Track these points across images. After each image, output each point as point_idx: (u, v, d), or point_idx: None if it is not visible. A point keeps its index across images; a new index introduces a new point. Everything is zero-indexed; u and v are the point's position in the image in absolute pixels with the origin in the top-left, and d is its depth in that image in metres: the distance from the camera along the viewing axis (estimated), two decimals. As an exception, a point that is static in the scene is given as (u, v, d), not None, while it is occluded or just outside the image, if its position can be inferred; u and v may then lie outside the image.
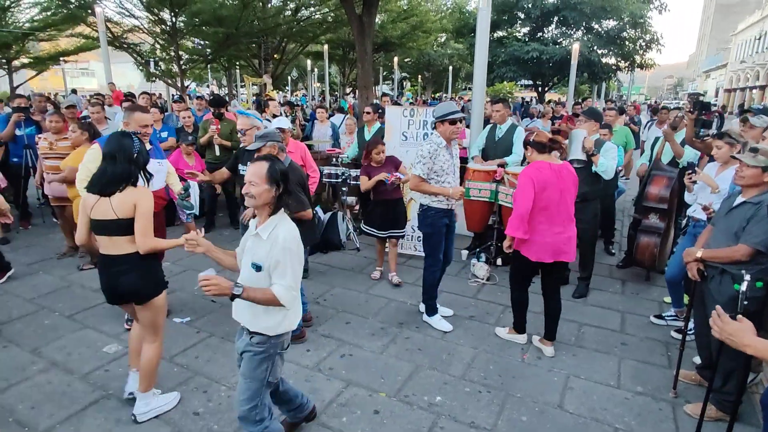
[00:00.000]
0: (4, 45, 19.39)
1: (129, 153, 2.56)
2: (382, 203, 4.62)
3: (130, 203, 2.51)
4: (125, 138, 2.62)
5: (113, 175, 2.52)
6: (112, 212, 2.49)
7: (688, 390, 3.11)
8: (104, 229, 2.53)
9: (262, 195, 2.06)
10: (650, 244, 4.54)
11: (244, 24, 17.32)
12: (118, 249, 2.56)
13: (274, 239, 2.05)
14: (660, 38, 18.68)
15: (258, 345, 2.14)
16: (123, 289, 2.60)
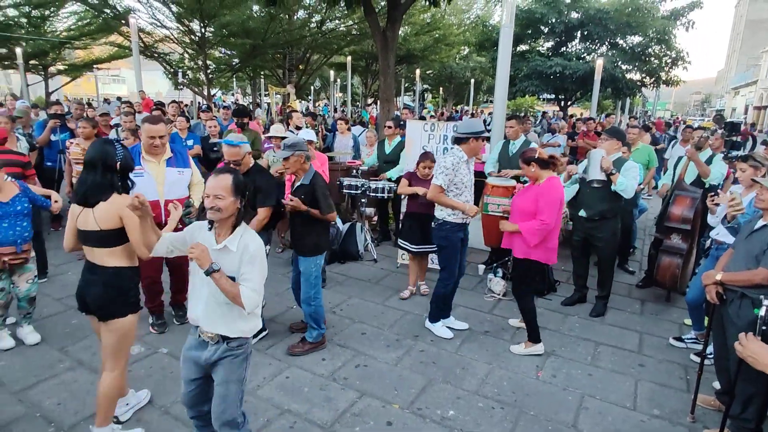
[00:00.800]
0: (42, 52, 20.22)
1: (110, 161, 2.48)
2: (415, 217, 4.55)
3: (113, 214, 2.45)
4: (107, 145, 2.53)
5: (93, 183, 2.46)
6: (95, 223, 2.44)
7: (707, 415, 3.05)
8: (87, 239, 2.50)
9: (228, 208, 2.08)
10: (672, 264, 4.48)
11: (270, 35, 17.75)
12: (97, 260, 2.51)
13: (244, 249, 2.11)
14: (686, 56, 18.39)
15: (238, 347, 2.20)
16: (89, 298, 2.52)
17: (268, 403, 3.02)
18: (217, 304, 2.13)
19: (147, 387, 3.14)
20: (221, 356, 2.18)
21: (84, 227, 2.48)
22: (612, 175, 4.07)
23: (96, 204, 2.45)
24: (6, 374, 3.23)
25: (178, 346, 3.53)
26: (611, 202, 4.22)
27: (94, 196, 2.45)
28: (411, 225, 4.60)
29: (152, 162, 3.64)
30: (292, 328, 4.00)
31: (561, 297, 4.81)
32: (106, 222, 2.45)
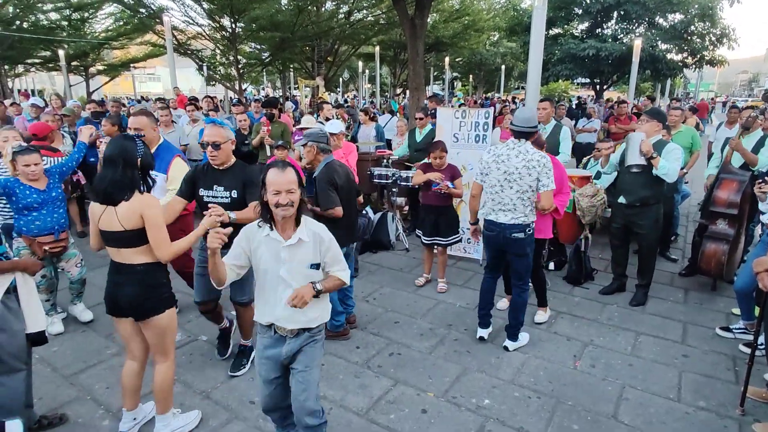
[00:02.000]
0: (83, 53, 21.06)
1: (130, 157, 2.35)
2: (429, 209, 4.53)
3: (136, 213, 2.32)
4: (126, 141, 2.41)
5: (113, 181, 2.31)
6: (118, 223, 2.32)
7: (758, 408, 2.91)
8: (110, 240, 2.38)
9: (297, 200, 2.04)
10: (717, 251, 4.28)
11: (299, 28, 17.86)
12: (124, 259, 2.41)
13: (315, 236, 2.15)
14: (732, 32, 17.39)
15: (318, 332, 2.26)
16: (122, 301, 2.42)
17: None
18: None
19: (189, 373, 3.25)
20: (303, 344, 2.20)
21: (107, 228, 2.34)
22: (653, 159, 3.89)
23: (119, 203, 2.32)
24: (58, 359, 3.40)
25: (216, 335, 3.66)
26: (653, 188, 4.05)
27: (115, 194, 2.32)
28: (424, 217, 4.58)
29: None
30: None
31: (599, 286, 4.68)
32: (129, 222, 2.32)
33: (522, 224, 3.30)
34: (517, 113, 3.38)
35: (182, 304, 4.27)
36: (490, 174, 3.35)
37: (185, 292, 4.00)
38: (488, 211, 3.41)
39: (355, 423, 2.79)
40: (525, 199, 3.27)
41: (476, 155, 5.17)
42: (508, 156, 3.27)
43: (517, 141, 3.30)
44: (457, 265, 5.30)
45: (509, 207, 3.29)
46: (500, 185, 3.30)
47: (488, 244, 3.54)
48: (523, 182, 3.23)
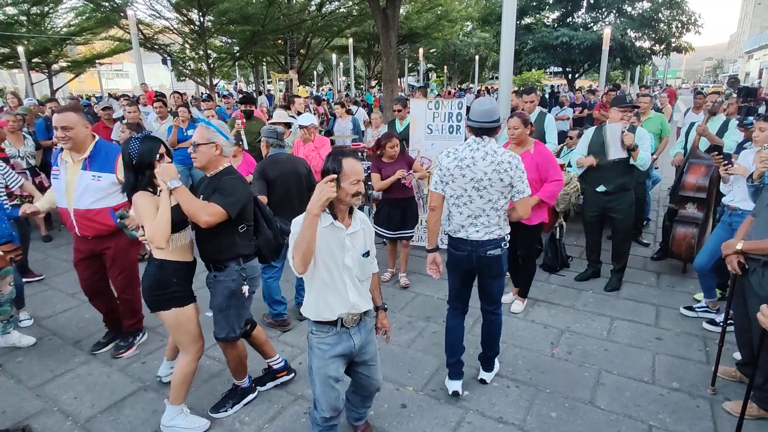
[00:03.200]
0: (44, 50, 20.21)
1: (126, 159, 2.51)
2: (393, 203, 4.42)
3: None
4: (126, 144, 2.54)
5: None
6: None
7: (728, 387, 2.99)
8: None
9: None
10: (687, 235, 4.38)
11: (270, 21, 17.53)
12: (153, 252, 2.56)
13: (366, 225, 2.21)
14: (698, 19, 17.82)
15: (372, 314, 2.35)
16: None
17: (282, 390, 3.02)
18: (361, 284, 2.19)
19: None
20: (368, 332, 2.28)
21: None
22: (633, 151, 3.95)
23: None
24: (23, 370, 3.26)
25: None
26: (629, 174, 4.15)
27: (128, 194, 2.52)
28: (390, 211, 4.45)
29: (68, 162, 3.07)
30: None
31: (574, 272, 4.73)
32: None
33: (498, 239, 2.74)
34: (473, 107, 2.72)
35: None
36: (453, 182, 2.71)
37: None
38: (456, 227, 2.78)
39: (334, 421, 2.74)
40: (498, 208, 2.71)
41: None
42: (473, 159, 2.65)
43: (479, 139, 2.69)
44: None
45: (481, 221, 2.71)
46: (468, 195, 2.69)
47: (456, 268, 2.88)
48: (494, 190, 2.65)
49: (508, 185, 2.67)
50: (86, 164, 3.05)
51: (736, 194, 3.43)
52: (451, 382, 2.97)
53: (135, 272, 3.45)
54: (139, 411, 2.84)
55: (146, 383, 3.10)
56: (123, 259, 3.33)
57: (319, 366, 2.18)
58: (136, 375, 3.20)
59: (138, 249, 3.54)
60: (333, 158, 2.04)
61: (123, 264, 3.34)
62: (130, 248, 3.35)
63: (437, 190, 2.81)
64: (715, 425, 2.68)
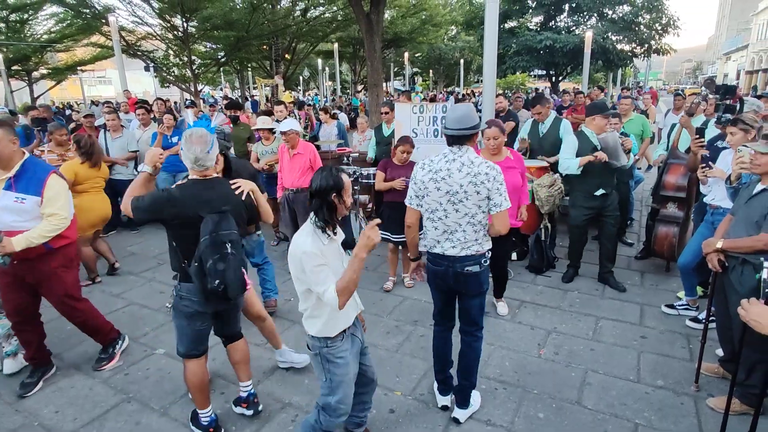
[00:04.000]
0: (24, 57, 19.91)
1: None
2: (395, 206, 4.35)
3: None
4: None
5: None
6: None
7: (711, 383, 3.03)
8: None
9: None
10: (668, 234, 4.44)
11: (254, 26, 17.48)
12: None
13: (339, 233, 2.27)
14: (677, 21, 18.18)
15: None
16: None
17: (269, 398, 2.99)
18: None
19: (144, 389, 3.10)
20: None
21: None
22: (627, 153, 4.15)
23: None
24: (2, 385, 3.18)
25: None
26: (615, 174, 4.32)
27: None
28: (390, 215, 4.36)
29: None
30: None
31: (560, 273, 4.77)
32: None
33: (476, 254, 2.58)
34: (448, 114, 2.59)
35: (139, 317, 4.10)
36: (428, 196, 2.57)
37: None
38: (431, 242, 2.64)
39: (321, 428, 2.72)
40: (475, 223, 2.53)
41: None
42: (448, 171, 2.49)
43: (456, 149, 2.52)
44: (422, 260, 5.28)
45: (457, 236, 2.56)
46: (443, 209, 2.54)
47: (435, 283, 2.75)
48: (470, 203, 2.49)
49: (485, 198, 2.50)
50: (10, 184, 2.81)
51: (717, 193, 3.48)
52: (441, 397, 2.90)
53: (75, 294, 3.22)
54: (122, 424, 2.79)
55: (129, 395, 3.05)
56: (56, 282, 3.06)
57: (344, 373, 2.18)
58: (119, 387, 3.14)
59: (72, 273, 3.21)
60: (332, 175, 2.04)
61: (57, 286, 3.08)
62: (62, 272, 3.08)
63: (412, 205, 2.67)
64: (699, 422, 2.71)
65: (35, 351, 3.19)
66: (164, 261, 5.29)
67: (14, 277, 3.00)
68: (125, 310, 4.26)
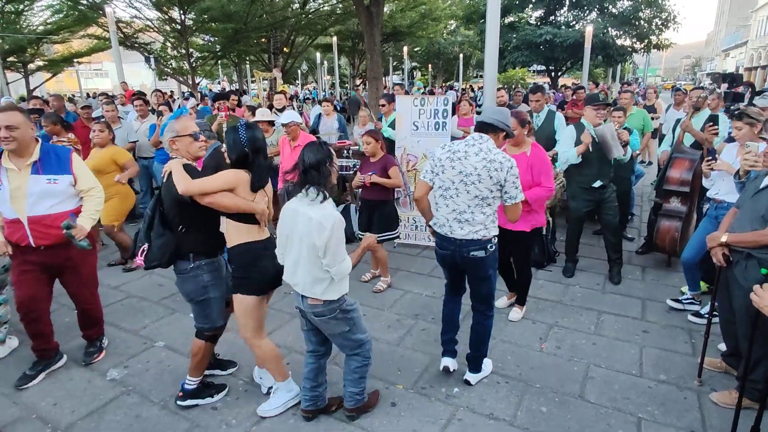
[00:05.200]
0: (20, 48, 19.73)
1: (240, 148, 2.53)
2: (365, 203, 4.27)
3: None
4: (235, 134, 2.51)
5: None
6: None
7: (714, 378, 3.02)
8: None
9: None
10: (671, 228, 4.42)
11: (252, 19, 17.34)
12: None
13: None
14: (677, 15, 18.12)
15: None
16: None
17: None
18: None
19: (144, 382, 3.08)
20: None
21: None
22: (625, 147, 4.10)
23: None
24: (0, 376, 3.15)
25: (174, 339, 3.51)
26: (616, 169, 4.31)
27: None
28: (362, 211, 4.27)
29: (10, 168, 2.80)
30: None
31: (561, 267, 4.76)
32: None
33: (482, 239, 2.66)
34: (489, 105, 2.95)
35: (138, 309, 4.07)
36: (443, 173, 2.70)
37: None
38: (441, 221, 2.76)
39: (323, 421, 2.70)
40: (484, 206, 2.64)
41: (437, 143, 5.13)
42: (465, 153, 2.64)
43: (478, 136, 2.69)
44: (422, 254, 5.27)
45: (465, 217, 2.67)
46: (455, 188, 2.66)
47: (442, 262, 2.93)
48: (481, 185, 2.60)
49: (497, 184, 2.61)
50: (37, 168, 2.83)
51: (721, 187, 3.46)
52: (444, 358, 3.04)
53: (97, 280, 3.33)
54: (121, 416, 2.76)
55: (129, 388, 3.02)
56: (86, 267, 3.17)
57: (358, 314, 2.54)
58: (118, 379, 3.11)
59: (95, 255, 3.30)
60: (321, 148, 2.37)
61: (87, 272, 3.18)
62: (90, 255, 3.15)
63: (426, 179, 2.82)
64: (702, 416, 2.70)
65: (43, 343, 3.17)
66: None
67: (37, 267, 2.97)
68: (124, 303, 4.23)
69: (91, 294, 3.29)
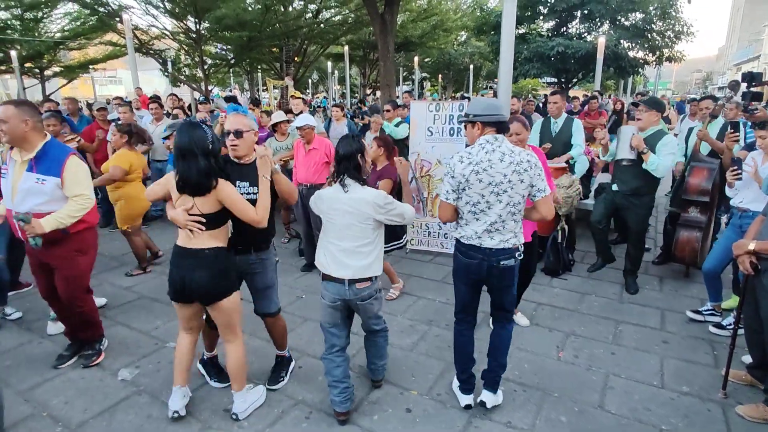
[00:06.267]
0: (37, 54, 20.07)
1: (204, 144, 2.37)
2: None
3: (212, 198, 2.43)
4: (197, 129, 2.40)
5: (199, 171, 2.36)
6: (197, 209, 2.42)
7: (738, 390, 2.93)
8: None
9: None
10: (691, 239, 4.34)
11: (266, 27, 17.52)
12: (195, 244, 2.45)
13: None
14: (690, 27, 18.03)
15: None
16: (194, 285, 2.44)
17: (282, 394, 2.92)
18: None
19: (155, 382, 3.05)
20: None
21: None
22: (644, 154, 3.93)
23: (207, 192, 2.41)
24: (11, 374, 3.13)
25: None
26: (644, 179, 4.08)
27: (204, 184, 2.39)
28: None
29: (16, 161, 2.85)
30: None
31: (576, 276, 4.69)
32: (205, 206, 2.44)
33: (512, 248, 2.53)
34: (475, 102, 2.61)
35: (150, 310, 4.05)
36: (469, 189, 2.46)
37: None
38: (469, 234, 2.54)
39: (336, 427, 2.65)
40: (515, 213, 2.50)
41: (451, 148, 5.11)
42: (489, 162, 2.41)
43: (492, 139, 2.46)
44: (435, 261, 5.22)
45: (496, 227, 2.49)
46: (485, 201, 2.46)
47: (465, 276, 2.64)
48: (514, 192, 2.44)
49: (528, 186, 2.46)
50: (32, 165, 2.80)
51: (746, 196, 3.39)
52: (464, 396, 2.81)
53: (84, 283, 3.17)
54: (132, 416, 2.73)
55: (140, 387, 2.99)
56: (70, 269, 3.02)
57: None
58: (130, 379, 3.08)
59: (88, 259, 3.14)
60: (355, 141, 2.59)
61: (69, 274, 3.03)
62: (77, 257, 3.04)
63: (449, 200, 2.54)
64: (728, 429, 2.61)
65: (70, 328, 3.30)
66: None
67: (35, 261, 3.08)
68: (135, 303, 4.21)
69: (74, 297, 3.10)
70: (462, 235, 2.58)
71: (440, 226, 5.30)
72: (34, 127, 2.79)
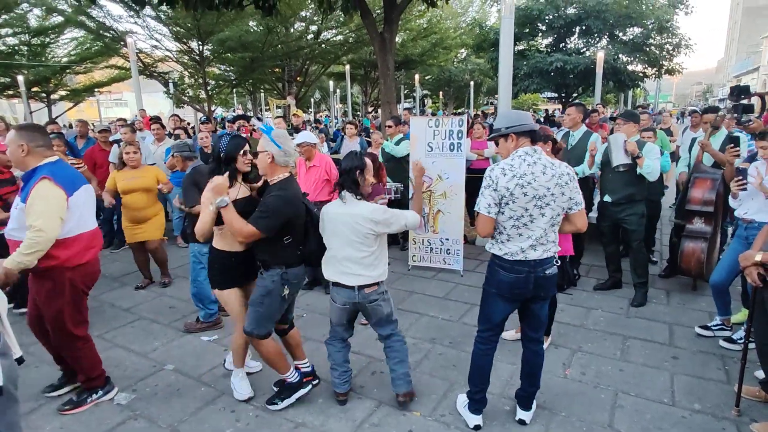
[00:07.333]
0: (44, 79, 20.39)
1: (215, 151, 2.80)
2: None
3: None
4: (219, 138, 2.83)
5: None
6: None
7: (753, 407, 2.83)
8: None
9: None
10: (696, 250, 4.27)
11: (268, 48, 17.79)
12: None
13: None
14: (688, 40, 18.14)
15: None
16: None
17: (281, 417, 2.84)
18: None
19: (152, 406, 2.98)
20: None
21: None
22: (638, 159, 4.01)
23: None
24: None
25: (184, 362, 3.42)
26: (636, 185, 4.18)
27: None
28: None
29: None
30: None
31: (581, 291, 4.61)
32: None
33: (552, 257, 2.52)
34: (502, 115, 2.63)
35: (149, 331, 4.00)
36: (513, 203, 2.38)
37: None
38: (514, 250, 2.45)
39: None
40: (555, 223, 2.48)
41: (451, 164, 5.10)
42: (533, 175, 2.36)
43: (531, 150, 2.43)
44: (437, 277, 5.16)
45: (540, 240, 2.45)
46: (528, 215, 2.40)
47: (509, 292, 2.52)
48: (556, 205, 2.42)
49: (568, 199, 2.46)
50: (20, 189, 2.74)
51: (751, 206, 3.34)
52: (474, 416, 2.73)
53: (65, 328, 2.80)
54: (128, 442, 2.66)
55: (136, 412, 2.92)
56: (47, 309, 2.76)
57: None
58: (126, 404, 3.01)
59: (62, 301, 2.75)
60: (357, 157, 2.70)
61: (47, 314, 2.78)
62: (51, 297, 2.73)
63: (491, 214, 2.43)
64: (743, 449, 2.51)
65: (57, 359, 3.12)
66: (175, 276, 5.20)
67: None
68: (134, 325, 4.16)
69: (57, 339, 2.86)
70: (505, 252, 2.47)
71: (442, 242, 5.25)
72: (30, 151, 2.67)
